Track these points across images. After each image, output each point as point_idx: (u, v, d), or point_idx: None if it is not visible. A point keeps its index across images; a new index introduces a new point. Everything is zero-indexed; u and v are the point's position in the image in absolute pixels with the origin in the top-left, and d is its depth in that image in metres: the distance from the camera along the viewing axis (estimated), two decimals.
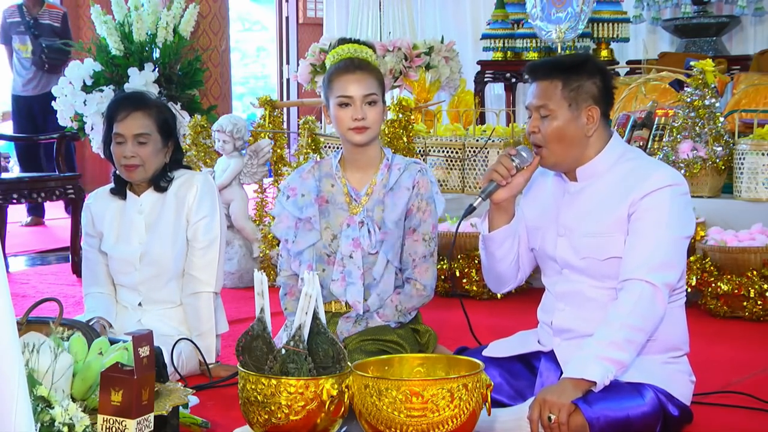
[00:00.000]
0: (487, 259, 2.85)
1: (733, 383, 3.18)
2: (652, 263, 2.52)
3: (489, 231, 2.80)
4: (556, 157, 2.66)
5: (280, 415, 2.40)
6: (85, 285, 3.47)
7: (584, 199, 2.68)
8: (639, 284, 2.52)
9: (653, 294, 2.51)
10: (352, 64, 3.10)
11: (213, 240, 3.33)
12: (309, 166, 3.26)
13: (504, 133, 5.29)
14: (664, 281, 2.53)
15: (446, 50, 6.85)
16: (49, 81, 7.93)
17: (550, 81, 2.64)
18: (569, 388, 2.44)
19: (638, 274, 2.52)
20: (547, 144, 2.65)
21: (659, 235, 2.54)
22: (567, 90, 2.62)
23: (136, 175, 3.29)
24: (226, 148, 5.11)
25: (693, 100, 4.63)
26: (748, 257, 4.17)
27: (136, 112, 3.26)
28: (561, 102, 2.62)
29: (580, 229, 2.66)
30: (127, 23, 6.34)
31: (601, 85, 2.66)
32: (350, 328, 3.09)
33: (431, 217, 3.14)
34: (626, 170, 2.64)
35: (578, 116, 2.63)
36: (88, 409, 2.25)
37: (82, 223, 3.50)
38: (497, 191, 2.73)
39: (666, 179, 2.58)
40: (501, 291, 2.96)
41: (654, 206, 2.56)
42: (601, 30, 7.18)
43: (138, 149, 3.25)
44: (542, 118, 2.64)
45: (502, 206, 2.76)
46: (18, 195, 5.58)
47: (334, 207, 3.17)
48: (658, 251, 2.53)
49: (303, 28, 11.71)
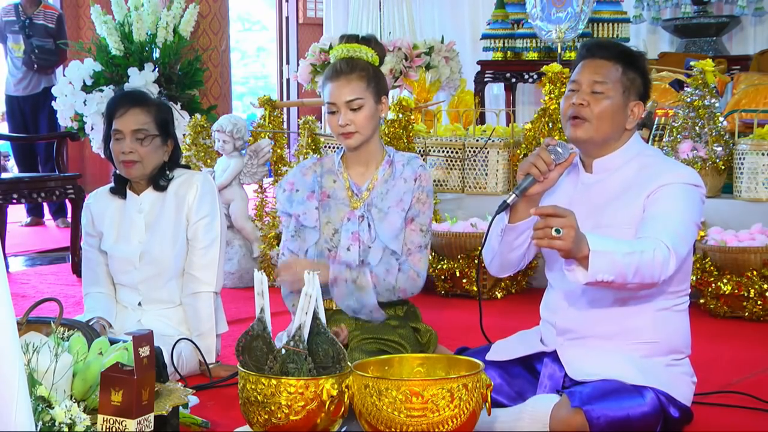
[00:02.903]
0: (500, 247, 2.75)
1: (733, 383, 3.18)
2: (670, 231, 2.47)
3: (512, 221, 2.70)
4: (595, 133, 2.63)
5: (280, 415, 2.40)
6: (84, 285, 3.47)
7: (598, 191, 2.67)
8: (658, 242, 2.44)
9: (668, 255, 2.43)
10: (335, 69, 3.12)
11: (213, 240, 3.33)
12: (311, 162, 3.27)
13: (504, 133, 5.29)
14: (678, 252, 2.47)
15: (446, 50, 6.86)
16: (39, 82, 7.94)
17: (613, 62, 2.64)
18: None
19: (658, 235, 2.46)
20: (592, 120, 2.62)
21: (677, 211, 2.52)
22: (626, 77, 2.64)
23: (134, 171, 3.29)
24: (226, 148, 5.11)
25: (693, 100, 4.63)
26: (748, 257, 4.17)
27: (134, 108, 3.27)
28: (618, 85, 2.63)
29: (592, 222, 2.62)
30: (127, 23, 6.34)
31: (646, 87, 2.69)
32: (343, 283, 3.10)
33: (429, 210, 3.17)
34: (643, 166, 2.63)
35: (626, 106, 2.64)
36: (88, 409, 2.25)
37: (82, 222, 3.50)
38: (533, 186, 2.65)
39: (686, 177, 2.58)
40: (502, 275, 2.92)
41: (671, 192, 2.55)
42: (601, 30, 7.18)
43: (136, 145, 3.25)
44: (594, 93, 2.62)
45: (532, 199, 2.67)
46: (18, 195, 5.58)
47: (335, 202, 3.18)
48: (675, 224, 2.49)
49: (303, 28, 11.71)
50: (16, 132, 7.89)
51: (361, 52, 3.15)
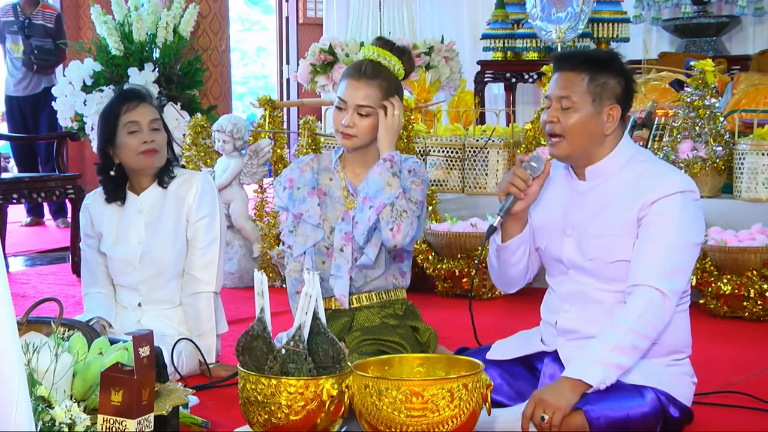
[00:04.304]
0: (500, 265, 2.82)
1: (733, 383, 3.18)
2: (662, 270, 2.51)
3: (503, 241, 2.76)
4: (571, 149, 2.63)
5: (280, 415, 2.40)
6: (84, 285, 3.46)
7: (592, 199, 2.66)
8: (648, 291, 2.51)
9: (662, 301, 2.50)
10: (360, 69, 3.08)
11: (213, 240, 3.33)
12: (308, 159, 3.26)
13: (504, 133, 5.29)
14: (673, 288, 2.52)
15: (446, 50, 6.86)
16: (39, 82, 7.94)
17: (577, 73, 2.61)
18: (567, 389, 2.44)
19: (648, 280, 2.51)
20: (565, 135, 2.61)
21: (670, 241, 2.52)
22: (593, 85, 2.60)
23: (156, 160, 3.29)
24: (226, 148, 5.11)
25: (693, 100, 4.63)
26: (748, 257, 4.17)
27: (144, 102, 3.30)
28: (585, 96, 2.60)
29: (587, 230, 2.64)
30: (127, 23, 6.34)
31: (624, 86, 2.64)
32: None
33: (421, 191, 3.10)
34: (637, 172, 2.62)
35: (600, 113, 2.60)
36: (88, 409, 2.25)
37: (80, 223, 3.49)
38: (515, 204, 2.69)
39: (678, 185, 2.56)
40: (509, 291, 2.95)
41: (665, 211, 2.54)
42: (601, 30, 7.19)
43: (154, 135, 3.27)
44: (563, 109, 2.61)
45: (518, 216, 2.72)
46: (18, 195, 5.58)
47: (331, 200, 3.17)
48: (668, 258, 2.52)
49: (303, 28, 11.70)
50: (17, 132, 7.88)
51: (390, 62, 3.12)
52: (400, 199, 3.01)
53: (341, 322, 3.15)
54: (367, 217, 3.02)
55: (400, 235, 3.00)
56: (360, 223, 3.05)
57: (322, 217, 3.16)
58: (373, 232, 3.06)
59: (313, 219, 3.16)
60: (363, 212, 3.04)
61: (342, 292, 3.13)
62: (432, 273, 4.79)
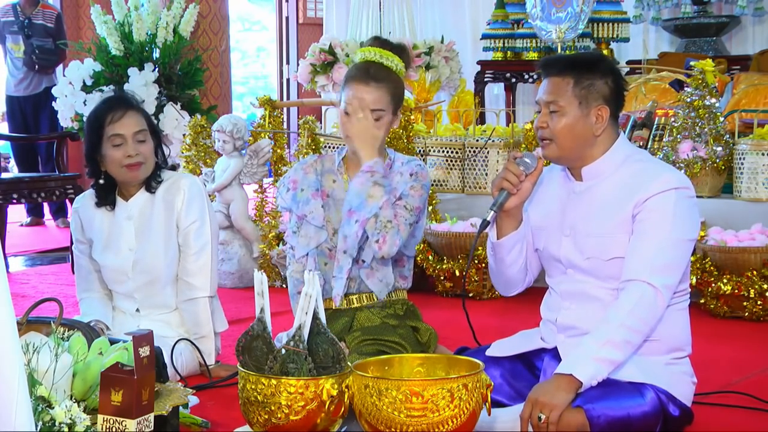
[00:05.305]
0: (497, 265, 2.84)
1: (733, 383, 3.18)
2: (654, 265, 2.53)
3: (498, 238, 2.78)
4: (561, 152, 2.66)
5: (280, 415, 2.40)
6: (78, 290, 3.44)
7: (590, 199, 2.68)
8: (640, 286, 2.52)
9: (654, 296, 2.51)
10: (368, 73, 3.07)
11: (205, 244, 3.29)
12: (311, 160, 3.25)
13: (504, 133, 5.29)
14: (665, 283, 2.53)
15: (446, 50, 6.86)
16: (40, 82, 7.94)
17: (562, 77, 2.64)
18: (560, 387, 2.45)
19: (640, 275, 2.53)
20: (555, 139, 2.65)
21: (662, 236, 2.54)
22: (578, 88, 2.63)
23: (141, 173, 3.23)
24: (226, 148, 5.11)
25: (693, 100, 4.63)
26: (748, 257, 4.17)
27: (129, 110, 3.22)
28: (571, 99, 2.63)
29: (585, 230, 2.66)
30: (127, 23, 6.34)
31: (612, 86, 2.66)
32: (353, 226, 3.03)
33: (419, 197, 3.09)
34: (633, 171, 2.64)
35: (587, 115, 2.63)
36: (88, 409, 2.25)
37: (71, 227, 3.44)
38: (508, 200, 2.72)
39: (672, 182, 2.58)
40: (509, 294, 2.95)
41: (659, 208, 2.56)
42: (601, 30, 7.18)
43: (139, 147, 3.20)
44: (551, 113, 2.64)
45: (512, 213, 2.75)
46: (18, 195, 5.58)
47: (335, 202, 3.17)
48: (660, 253, 2.53)
49: (303, 28, 11.71)
50: (17, 132, 7.88)
51: (392, 62, 3.11)
52: (385, 209, 3.00)
53: (341, 322, 3.15)
54: (354, 231, 3.03)
55: (386, 246, 3.00)
56: (348, 238, 3.05)
57: (325, 219, 3.16)
58: (365, 241, 3.06)
59: (317, 220, 3.15)
60: (350, 226, 3.04)
61: (337, 291, 3.13)
62: (432, 273, 4.79)
